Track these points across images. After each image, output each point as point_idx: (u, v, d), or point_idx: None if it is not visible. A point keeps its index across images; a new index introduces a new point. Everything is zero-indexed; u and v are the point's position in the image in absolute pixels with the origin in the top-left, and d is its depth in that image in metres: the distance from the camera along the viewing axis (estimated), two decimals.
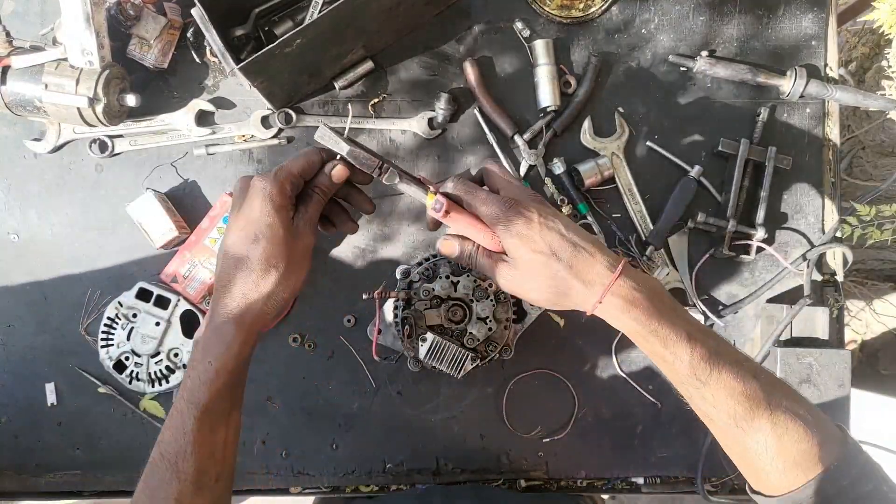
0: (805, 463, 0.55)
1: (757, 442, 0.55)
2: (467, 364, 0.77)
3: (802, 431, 0.55)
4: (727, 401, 0.55)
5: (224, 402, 0.59)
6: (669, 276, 0.91)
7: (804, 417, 0.55)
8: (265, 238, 0.57)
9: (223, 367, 0.58)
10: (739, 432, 0.56)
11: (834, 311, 0.92)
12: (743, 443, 0.57)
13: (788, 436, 0.55)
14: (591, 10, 0.91)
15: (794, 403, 0.56)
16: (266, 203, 0.57)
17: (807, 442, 0.55)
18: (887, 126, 1.30)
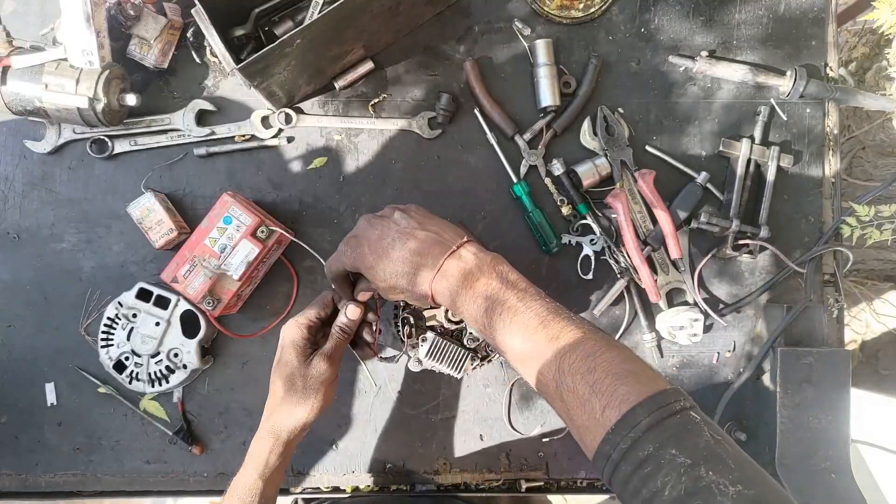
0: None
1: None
2: (467, 364, 0.77)
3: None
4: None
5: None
6: (671, 276, 0.91)
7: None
8: (284, 372, 0.72)
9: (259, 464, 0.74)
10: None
11: (834, 311, 0.92)
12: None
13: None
14: (591, 10, 0.91)
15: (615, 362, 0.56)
16: (287, 346, 0.72)
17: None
18: (887, 126, 1.30)
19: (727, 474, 0.47)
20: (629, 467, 0.51)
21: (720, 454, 0.49)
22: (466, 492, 0.94)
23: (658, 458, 0.49)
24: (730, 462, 0.48)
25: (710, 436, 0.50)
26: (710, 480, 0.46)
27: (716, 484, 0.46)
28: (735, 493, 0.45)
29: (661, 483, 0.48)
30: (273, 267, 0.91)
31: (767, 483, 0.48)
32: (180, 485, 0.92)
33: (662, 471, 0.48)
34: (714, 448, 0.49)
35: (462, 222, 0.91)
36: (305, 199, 0.91)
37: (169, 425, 0.90)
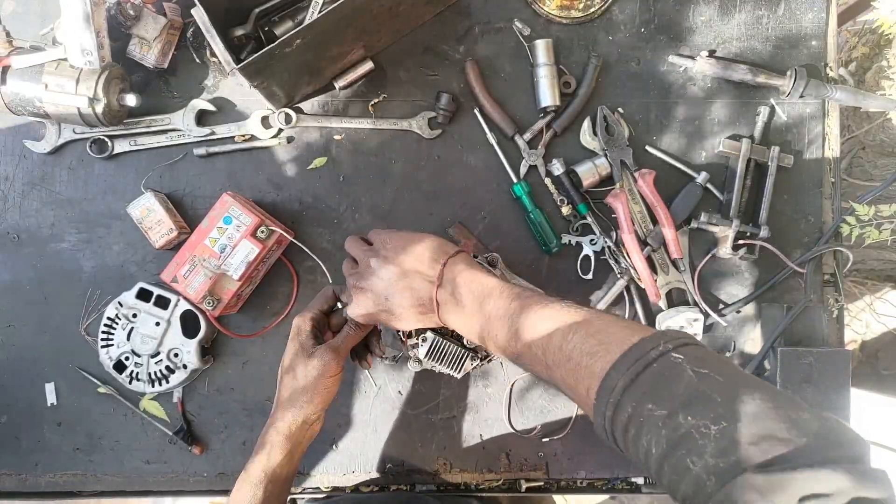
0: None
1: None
2: (467, 364, 0.77)
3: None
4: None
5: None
6: (671, 276, 0.91)
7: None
8: (288, 366, 0.74)
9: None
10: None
11: (834, 311, 0.92)
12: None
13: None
14: (591, 10, 0.91)
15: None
16: (292, 339, 0.75)
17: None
18: (887, 126, 1.30)
19: (709, 413, 0.44)
20: (620, 434, 0.50)
21: (703, 392, 0.46)
22: (467, 492, 0.94)
23: (637, 417, 0.48)
24: (715, 396, 0.45)
25: (692, 373, 0.47)
26: (690, 426, 0.44)
27: (696, 428, 0.44)
28: (717, 432, 0.43)
29: (646, 443, 0.47)
30: (273, 267, 0.91)
31: (759, 404, 0.44)
32: (180, 485, 0.92)
33: (644, 429, 0.47)
34: (697, 387, 0.46)
35: (462, 222, 0.91)
36: (305, 199, 0.91)
37: (169, 425, 0.90)
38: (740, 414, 0.43)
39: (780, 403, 0.44)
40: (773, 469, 0.40)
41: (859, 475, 0.39)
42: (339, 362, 0.73)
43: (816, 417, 0.44)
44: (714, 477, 0.42)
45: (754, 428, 0.42)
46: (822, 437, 0.42)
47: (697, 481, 0.43)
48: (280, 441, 0.72)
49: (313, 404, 0.72)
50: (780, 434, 0.42)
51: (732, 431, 0.42)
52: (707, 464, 0.42)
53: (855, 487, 0.39)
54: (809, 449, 0.41)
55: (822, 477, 0.39)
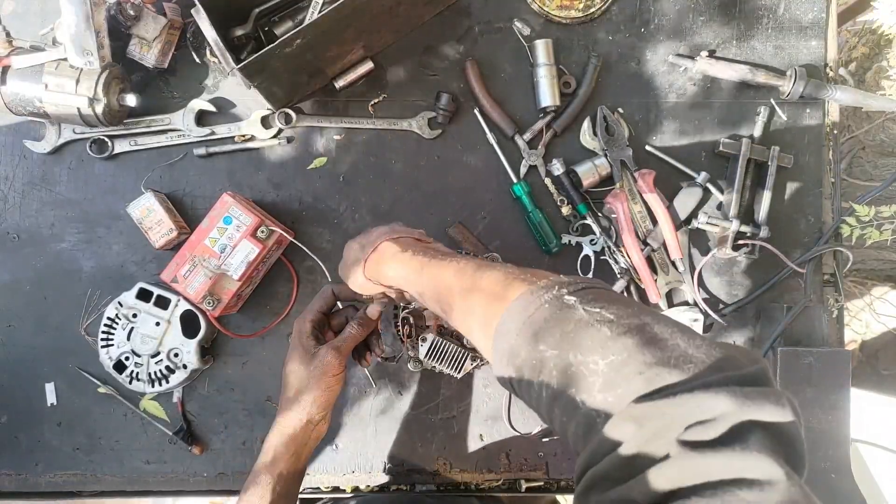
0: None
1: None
2: (467, 364, 0.77)
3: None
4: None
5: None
6: (671, 276, 0.91)
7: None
8: (291, 366, 0.74)
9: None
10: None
11: (834, 311, 0.92)
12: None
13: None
14: (591, 10, 0.91)
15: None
16: (294, 340, 0.75)
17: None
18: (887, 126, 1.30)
19: (598, 348, 0.42)
20: (516, 382, 0.48)
21: (593, 326, 0.44)
22: (467, 492, 0.94)
23: (530, 360, 0.46)
24: (605, 330, 0.43)
25: (584, 311, 0.45)
26: (579, 363, 0.42)
27: (584, 364, 0.42)
28: (606, 366, 0.41)
29: (537, 386, 0.45)
30: (273, 267, 0.91)
31: (648, 331, 0.42)
32: (180, 485, 0.92)
33: (535, 371, 0.45)
34: (587, 322, 0.44)
35: (462, 222, 0.91)
36: (305, 199, 0.91)
37: (169, 425, 0.90)
38: (630, 346, 0.41)
39: (674, 333, 0.42)
40: (655, 397, 0.38)
41: (750, 396, 0.36)
42: (341, 361, 0.73)
43: (713, 343, 0.41)
44: (604, 413, 0.40)
45: (643, 357, 0.40)
46: (715, 361, 0.39)
47: (587, 419, 0.41)
48: (285, 441, 0.72)
49: (317, 404, 0.72)
50: (670, 362, 0.39)
51: (619, 364, 0.40)
52: (595, 399, 0.40)
53: (741, 410, 0.35)
54: (700, 374, 0.38)
55: (703, 401, 0.36)
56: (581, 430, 0.42)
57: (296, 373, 0.73)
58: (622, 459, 0.37)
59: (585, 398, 0.41)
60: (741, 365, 0.39)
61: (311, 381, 0.72)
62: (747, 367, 0.39)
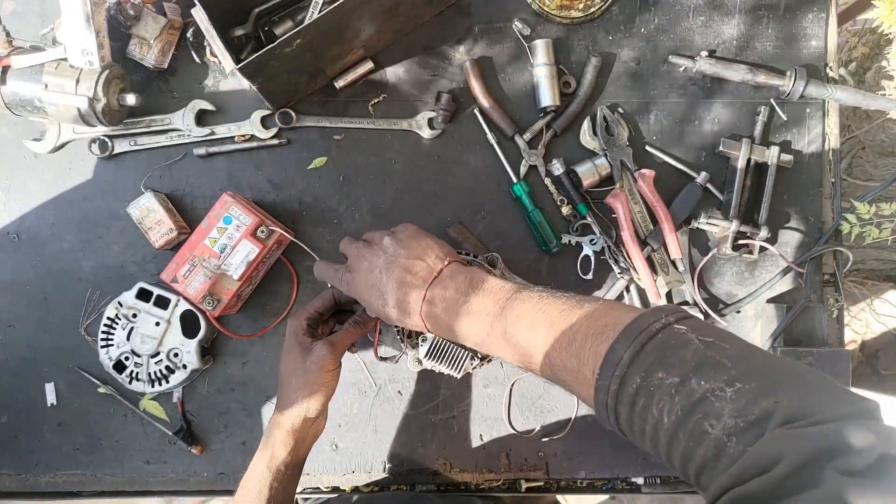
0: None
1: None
2: (467, 364, 0.77)
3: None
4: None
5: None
6: (671, 276, 0.91)
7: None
8: (286, 362, 0.74)
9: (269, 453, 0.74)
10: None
11: (834, 311, 0.92)
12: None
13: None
14: (591, 10, 0.91)
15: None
16: (290, 336, 0.74)
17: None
18: (887, 126, 1.30)
19: (721, 377, 0.43)
20: (626, 408, 0.48)
21: (712, 357, 0.45)
22: (467, 492, 0.94)
23: (647, 387, 0.46)
24: (725, 362, 0.44)
25: (699, 342, 0.46)
26: (705, 390, 0.43)
27: (710, 392, 0.43)
28: (733, 394, 0.42)
29: (657, 412, 0.45)
30: (273, 267, 0.91)
31: (769, 366, 0.44)
32: (180, 485, 0.92)
33: (655, 398, 0.46)
34: (705, 353, 0.45)
35: (462, 222, 0.91)
36: (305, 199, 0.91)
37: (169, 425, 0.90)
38: (753, 376, 0.43)
39: (787, 365, 0.44)
40: (799, 424, 0.39)
41: (885, 431, 0.39)
42: (335, 356, 0.73)
43: (826, 377, 0.43)
44: (735, 437, 0.41)
45: (769, 388, 0.42)
46: (836, 395, 0.41)
47: (717, 443, 0.42)
48: (283, 438, 0.72)
49: (314, 399, 0.72)
50: (797, 392, 0.41)
51: (749, 392, 0.42)
52: (726, 425, 0.41)
53: (885, 443, 0.37)
54: (828, 404, 0.40)
55: (851, 432, 0.38)
56: (711, 454, 0.42)
57: (291, 369, 0.73)
58: (773, 481, 0.38)
59: (714, 423, 0.42)
60: (854, 401, 0.42)
61: (307, 377, 0.72)
62: (863, 403, 0.41)
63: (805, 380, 0.43)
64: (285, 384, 0.73)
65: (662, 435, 0.46)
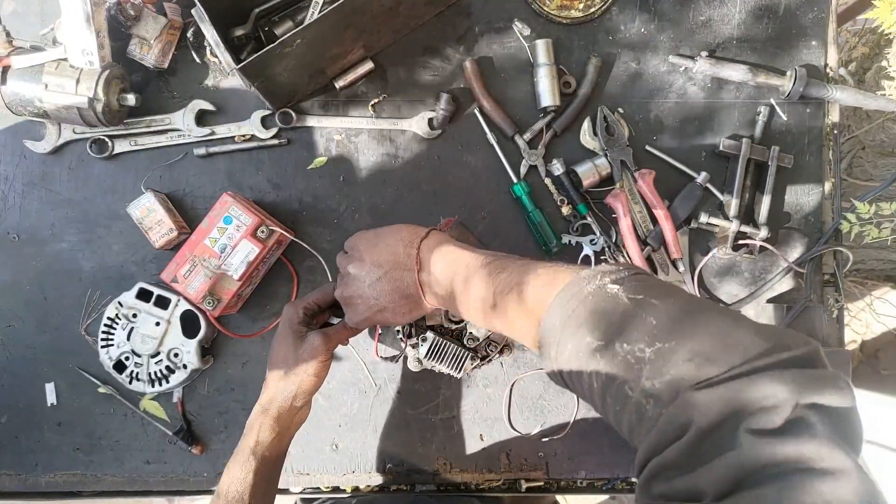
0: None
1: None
2: (467, 364, 0.77)
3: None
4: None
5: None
6: (671, 276, 0.91)
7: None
8: (277, 348, 0.74)
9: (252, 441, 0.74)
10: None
11: (834, 311, 0.92)
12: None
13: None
14: (591, 11, 0.91)
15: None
16: (283, 324, 0.74)
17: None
18: (887, 126, 1.30)
19: (643, 337, 0.42)
20: (567, 374, 0.48)
21: (637, 315, 0.44)
22: (467, 492, 0.94)
23: (577, 353, 0.46)
24: (650, 320, 0.43)
25: (627, 300, 0.45)
26: (626, 352, 0.42)
27: (631, 353, 0.42)
28: (652, 354, 0.41)
29: (587, 378, 0.45)
30: (273, 267, 0.91)
31: (694, 320, 0.42)
32: (180, 485, 0.92)
33: (584, 363, 0.45)
34: (631, 312, 0.44)
35: (462, 222, 0.91)
36: (305, 199, 0.91)
37: (169, 425, 0.90)
38: (675, 333, 0.41)
39: (721, 319, 0.42)
40: (712, 383, 0.37)
41: (809, 379, 0.36)
42: (328, 348, 0.73)
43: (760, 326, 0.41)
44: (652, 399, 0.40)
45: (689, 344, 0.40)
46: (766, 344, 0.38)
47: (638, 407, 0.41)
48: (269, 423, 0.72)
49: (302, 388, 0.72)
50: (719, 347, 0.39)
51: (667, 351, 0.40)
52: (643, 388, 0.40)
53: (803, 394, 0.35)
54: (751, 358, 0.38)
55: (764, 386, 0.35)
56: (634, 418, 0.42)
57: (283, 355, 0.73)
58: (687, 448, 0.37)
59: (634, 386, 0.41)
60: (791, 346, 0.39)
61: (298, 365, 0.72)
62: (799, 349, 0.39)
63: (730, 333, 0.40)
64: (275, 370, 0.73)
65: (597, 399, 0.46)
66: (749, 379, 0.36)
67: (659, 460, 0.38)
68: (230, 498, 0.70)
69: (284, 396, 0.72)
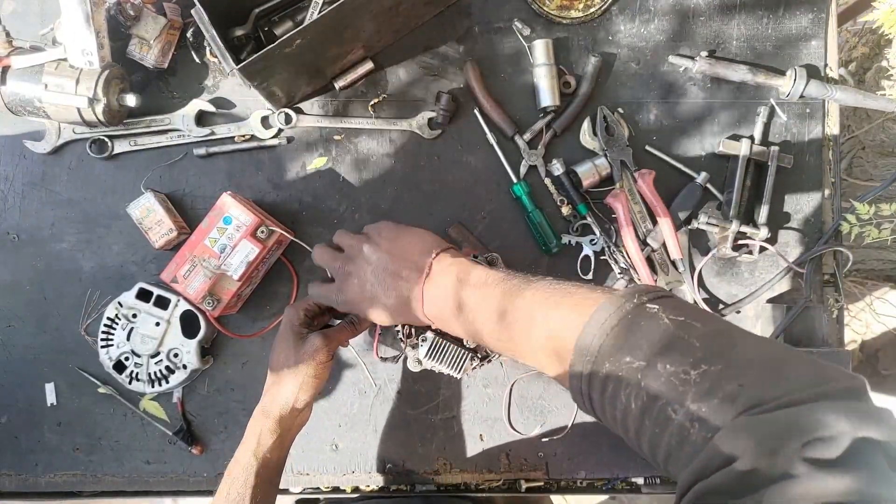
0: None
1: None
2: (467, 364, 0.77)
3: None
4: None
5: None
6: (671, 276, 0.91)
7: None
8: (279, 350, 0.74)
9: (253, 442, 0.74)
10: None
11: (834, 311, 0.92)
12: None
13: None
14: (591, 10, 0.91)
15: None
16: (284, 325, 0.74)
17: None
18: (887, 126, 1.30)
19: (687, 359, 0.41)
20: (597, 394, 0.47)
21: (681, 337, 0.43)
22: (466, 492, 0.94)
23: (615, 372, 0.44)
24: (694, 342, 0.42)
25: (669, 321, 0.44)
26: (669, 373, 0.41)
27: (675, 375, 0.41)
28: (698, 377, 0.39)
29: (624, 398, 0.44)
30: (273, 267, 0.91)
31: (740, 347, 0.41)
32: (180, 485, 0.92)
33: (622, 384, 0.44)
34: (674, 333, 0.43)
35: (462, 222, 0.91)
36: (305, 199, 0.91)
37: (169, 425, 0.90)
38: (721, 357, 0.40)
39: (763, 345, 0.42)
40: (765, 408, 0.36)
41: (864, 412, 0.35)
42: (329, 349, 0.73)
43: (804, 356, 0.40)
44: (697, 423, 0.39)
45: (736, 370, 0.39)
46: (814, 374, 0.38)
47: (681, 430, 0.40)
48: (271, 426, 0.72)
49: (304, 389, 0.72)
50: (766, 373, 0.38)
51: (714, 375, 0.39)
52: (689, 410, 0.39)
53: (859, 427, 0.34)
54: (801, 387, 0.37)
55: (821, 415, 0.34)
56: (675, 441, 0.40)
57: (284, 357, 0.73)
58: (739, 474, 0.35)
59: (677, 408, 0.40)
60: (838, 378, 0.38)
61: (299, 366, 0.72)
62: (846, 381, 0.38)
63: (777, 360, 0.40)
64: (276, 372, 0.73)
65: (631, 421, 0.44)
66: (806, 407, 0.35)
67: (705, 485, 0.37)
68: (231, 499, 0.70)
69: (286, 399, 0.72)
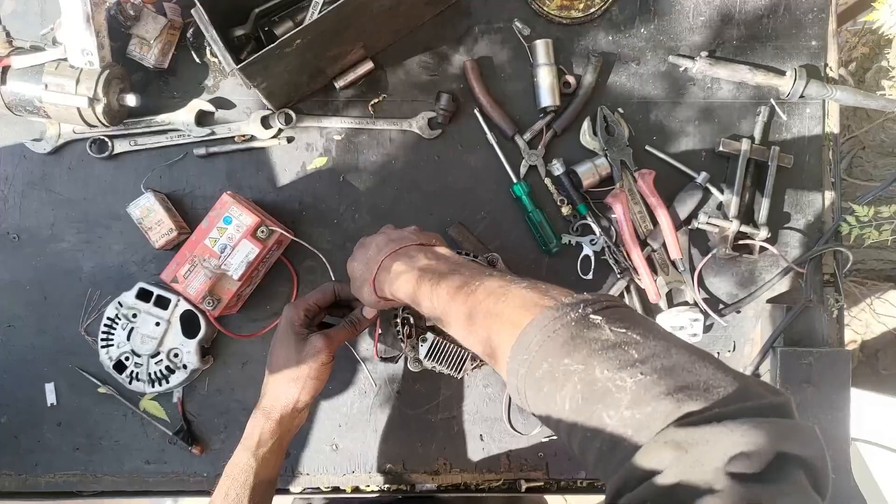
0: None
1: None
2: (467, 364, 0.77)
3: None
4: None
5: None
6: (671, 276, 0.91)
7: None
8: (279, 350, 0.74)
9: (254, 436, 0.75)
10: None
11: (834, 311, 0.92)
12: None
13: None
14: (591, 10, 0.91)
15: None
16: (284, 325, 0.75)
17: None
18: (887, 126, 1.30)
19: (626, 366, 0.42)
20: (533, 392, 0.48)
21: (619, 346, 0.44)
22: (467, 492, 0.94)
23: (553, 373, 0.46)
24: (632, 352, 0.43)
25: (610, 331, 0.45)
26: (606, 378, 0.42)
27: (611, 381, 0.41)
28: (633, 385, 0.41)
29: (559, 399, 0.45)
30: (273, 267, 0.91)
31: (677, 358, 0.43)
32: (180, 485, 0.92)
33: (558, 384, 0.45)
34: (613, 342, 0.44)
35: (462, 222, 0.91)
36: (305, 199, 0.91)
37: (169, 425, 0.90)
38: (657, 367, 0.41)
39: (698, 359, 0.42)
40: (694, 421, 0.37)
41: (786, 429, 0.37)
42: (330, 350, 0.73)
43: (732, 371, 0.42)
44: (630, 429, 0.40)
45: (671, 380, 0.40)
46: (739, 390, 0.39)
47: (613, 437, 0.41)
48: (271, 427, 0.72)
49: (304, 390, 0.72)
50: (698, 386, 0.39)
51: (648, 384, 0.40)
52: (623, 416, 0.40)
53: (780, 442, 0.36)
54: (726, 400, 0.38)
55: (745, 431, 0.36)
56: (606, 447, 0.41)
57: (285, 358, 0.73)
58: (662, 487, 0.36)
59: (612, 414, 0.41)
60: (763, 395, 0.40)
61: (300, 367, 0.72)
62: (770, 398, 0.40)
63: (709, 373, 0.41)
64: (276, 372, 0.73)
65: (564, 424, 0.45)
66: (732, 423, 0.37)
67: (631, 497, 0.38)
68: (230, 500, 0.70)
69: (287, 400, 0.72)
